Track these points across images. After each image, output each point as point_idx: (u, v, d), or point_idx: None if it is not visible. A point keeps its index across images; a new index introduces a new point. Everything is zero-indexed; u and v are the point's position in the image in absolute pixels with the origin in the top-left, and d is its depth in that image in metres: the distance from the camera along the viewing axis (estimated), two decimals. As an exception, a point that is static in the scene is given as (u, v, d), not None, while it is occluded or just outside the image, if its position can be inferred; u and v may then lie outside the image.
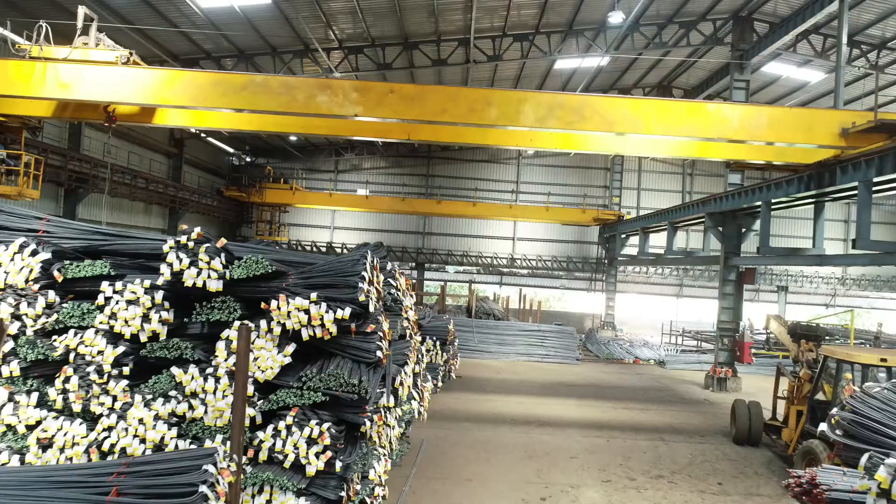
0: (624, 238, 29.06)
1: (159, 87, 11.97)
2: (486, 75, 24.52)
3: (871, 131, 11.65)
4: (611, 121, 11.67)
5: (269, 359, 7.00)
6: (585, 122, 11.53)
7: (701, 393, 17.97)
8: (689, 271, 34.57)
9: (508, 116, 11.58)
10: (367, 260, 7.34)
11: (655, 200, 32.76)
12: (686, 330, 29.40)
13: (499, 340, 23.06)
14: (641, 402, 15.82)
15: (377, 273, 7.76)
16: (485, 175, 35.15)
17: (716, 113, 12.31)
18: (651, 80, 27.34)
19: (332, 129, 14.94)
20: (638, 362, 23.89)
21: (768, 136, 12.00)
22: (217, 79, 12.00)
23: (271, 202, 30.42)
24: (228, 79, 11.95)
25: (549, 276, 35.86)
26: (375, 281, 7.63)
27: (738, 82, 19.43)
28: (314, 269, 7.35)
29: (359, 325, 7.20)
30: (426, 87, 12.11)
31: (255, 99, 11.49)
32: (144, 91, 11.98)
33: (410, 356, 8.27)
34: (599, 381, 18.81)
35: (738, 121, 11.95)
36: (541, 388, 17.06)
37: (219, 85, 11.76)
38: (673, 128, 11.95)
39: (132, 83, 11.94)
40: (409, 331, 9.06)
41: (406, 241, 35.27)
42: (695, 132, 12.26)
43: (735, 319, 18.74)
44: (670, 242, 22.06)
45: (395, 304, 8.80)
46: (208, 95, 11.72)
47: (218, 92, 11.70)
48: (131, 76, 11.92)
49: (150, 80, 12.04)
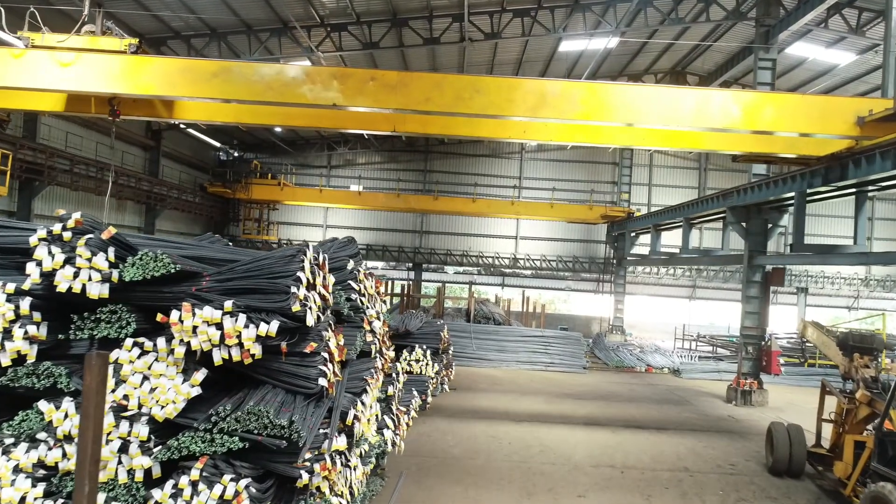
0: (634, 236, 27.22)
1: (123, 74, 10.76)
2: (485, 58, 22.65)
3: (890, 119, 10.32)
4: (606, 109, 10.88)
5: (171, 390, 5.20)
6: (579, 111, 10.77)
7: (723, 408, 16.06)
8: (703, 272, 32.62)
9: (497, 105, 10.78)
10: (307, 256, 5.51)
11: (668, 197, 30.76)
12: (701, 335, 27.50)
13: (499, 347, 21.19)
14: (658, 420, 13.93)
15: (324, 274, 5.92)
16: (485, 170, 33.32)
17: (719, 100, 11.10)
18: (663, 65, 25.43)
19: (312, 120, 13.73)
20: (651, 371, 21.98)
21: (776, 125, 10.96)
22: (186, 65, 11.05)
23: (258, 199, 28.67)
24: (198, 65, 10.98)
25: (554, 276, 34.00)
26: (321, 284, 5.79)
27: (763, 61, 17.51)
28: (235, 269, 5.52)
29: (293, 344, 5.38)
30: (409, 73, 11.32)
31: (227, 87, 10.69)
32: (106, 79, 10.76)
33: (373, 380, 6.42)
34: (609, 394, 16.92)
35: (744, 109, 10.98)
36: (544, 403, 15.20)
37: (188, 72, 10.84)
38: (672, 117, 10.96)
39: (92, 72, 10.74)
40: (376, 346, 7.21)
41: (403, 241, 33.47)
42: (696, 122, 11.01)
43: (761, 325, 16.82)
44: (686, 240, 20.19)
45: (356, 313, 6.97)
46: (176, 84, 10.83)
47: (187, 80, 10.81)
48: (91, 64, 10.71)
49: (114, 68, 10.77)
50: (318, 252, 5.82)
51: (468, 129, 13.52)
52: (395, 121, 13.07)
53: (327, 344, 5.61)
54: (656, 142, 14.14)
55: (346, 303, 6.63)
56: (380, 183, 33.21)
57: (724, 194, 17.45)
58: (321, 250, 5.86)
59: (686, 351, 26.19)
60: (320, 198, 28.64)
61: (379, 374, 6.97)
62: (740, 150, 13.90)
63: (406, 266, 34.36)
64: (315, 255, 5.74)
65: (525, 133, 13.78)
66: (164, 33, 17.76)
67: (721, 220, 19.49)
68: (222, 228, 31.28)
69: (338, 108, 11.04)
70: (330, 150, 33.15)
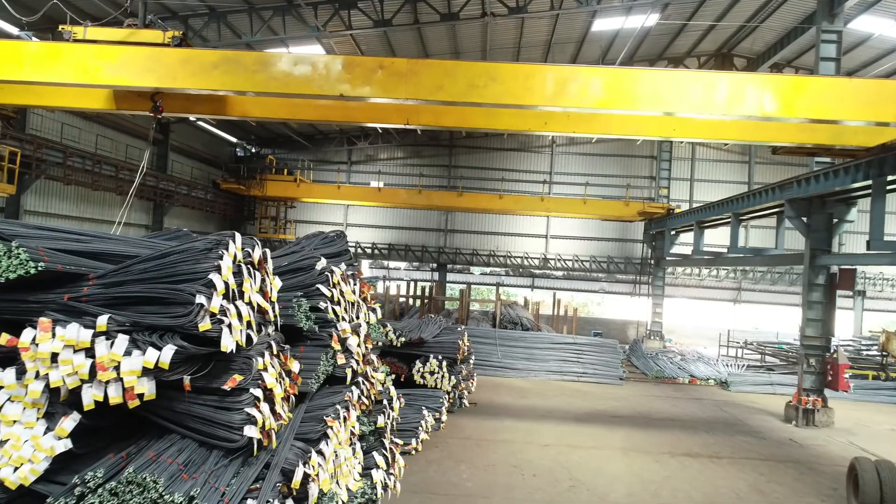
0: (674, 235, 25.10)
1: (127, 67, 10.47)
2: (510, 39, 20.80)
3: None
4: (629, 97, 10.06)
5: (28, 443, 3.61)
6: (600, 99, 10.02)
7: (782, 429, 14.03)
8: (749, 273, 30.27)
9: (514, 94, 10.09)
10: (228, 251, 3.85)
11: (711, 192, 28.50)
12: (748, 341, 25.28)
13: (526, 355, 19.38)
14: (709, 445, 12.00)
15: (263, 276, 4.25)
16: (514, 165, 31.50)
17: (755, 85, 10.09)
18: (707, 47, 23.29)
19: (320, 112, 13.01)
20: (695, 382, 19.92)
21: (817, 112, 10.00)
22: (186, 56, 10.52)
23: (273, 195, 27.27)
24: (199, 56, 10.56)
25: (587, 278, 32.02)
26: (256, 290, 4.13)
27: (826, 34, 15.41)
28: (130, 270, 3.88)
29: (207, 377, 3.75)
30: (420, 61, 10.55)
31: (228, 78, 10.30)
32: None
33: (336, 422, 4.72)
34: (650, 411, 15.01)
35: (780, 95, 10.04)
36: (575, 421, 13.39)
37: (188, 63, 10.40)
38: (702, 104, 10.07)
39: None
40: (353, 369, 5.52)
41: (426, 240, 31.84)
42: (729, 109, 10.02)
43: (825, 334, 14.74)
44: (735, 238, 18.10)
45: (324, 327, 5.31)
46: (177, 75, 10.38)
47: (187, 71, 10.38)
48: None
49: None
50: (254, 245, 4.15)
51: (484, 120, 12.77)
52: (408, 112, 12.36)
53: (263, 376, 3.94)
54: (687, 132, 13.10)
55: (304, 314, 4.96)
56: (402, 179, 31.65)
57: (781, 185, 15.38)
58: (257, 243, 4.20)
59: (732, 359, 24.01)
60: (338, 194, 27.16)
61: (354, 408, 5.28)
62: (779, 141, 12.83)
63: (430, 266, 32.73)
64: (248, 251, 4.08)
65: (546, 125, 12.71)
66: (160, 13, 16.38)
67: (775, 215, 17.46)
68: (238, 227, 30.07)
69: (345, 99, 10.49)
70: (350, 144, 31.71)
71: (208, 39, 16.12)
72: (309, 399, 4.83)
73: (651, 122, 12.51)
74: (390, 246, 31.54)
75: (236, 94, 11.21)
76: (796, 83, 10.48)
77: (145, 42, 10.70)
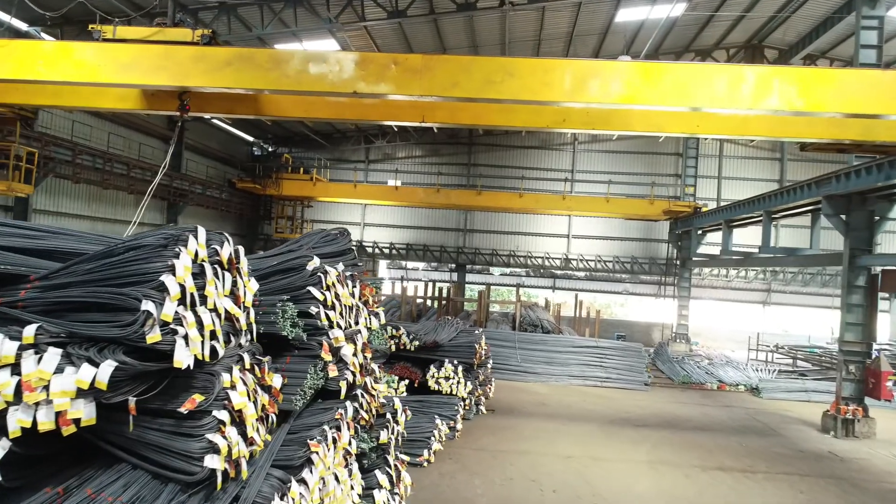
0: (700, 234, 24.21)
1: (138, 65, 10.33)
2: (530, 31, 20.08)
3: None
4: (651, 93, 9.74)
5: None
6: (621, 94, 9.73)
7: (820, 440, 13.17)
8: (779, 274, 29.19)
9: (532, 89, 9.82)
10: (188, 247, 3.27)
11: (740, 190, 27.51)
12: (779, 345, 24.29)
13: (547, 358, 18.68)
14: (742, 458, 11.22)
15: (236, 276, 3.67)
16: (534, 163, 30.75)
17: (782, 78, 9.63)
18: (736, 38, 22.32)
19: (334, 111, 12.83)
20: (723, 388, 19.05)
21: (842, 105, 9.44)
22: (198, 53, 10.36)
23: (289, 195, 26.85)
24: (211, 53, 10.36)
25: (610, 279, 31.17)
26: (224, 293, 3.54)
27: (867, 20, 14.51)
28: (75, 270, 3.31)
29: (164, 397, 3.17)
30: (435, 56, 10.34)
31: (241, 76, 10.16)
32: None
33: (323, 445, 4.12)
34: (678, 419, 14.23)
35: (812, 88, 9.56)
36: (598, 430, 12.69)
37: (200, 61, 10.25)
38: (730, 99, 9.63)
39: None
40: (347, 380, 4.92)
41: (445, 239, 31.23)
42: (753, 104, 9.58)
43: (866, 339, 13.84)
44: (767, 237, 17.24)
45: (314, 335, 4.71)
46: (189, 73, 10.23)
47: (199, 69, 10.22)
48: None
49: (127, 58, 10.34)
50: (223, 241, 3.56)
51: (501, 117, 12.33)
52: (423, 110, 12.12)
53: (227, 394, 3.35)
54: (711, 128, 12.38)
55: (290, 321, 4.37)
56: (420, 177, 31.09)
57: (818, 181, 14.53)
58: (227, 239, 3.61)
59: (761, 364, 23.05)
60: (354, 193, 26.64)
61: (348, 426, 4.68)
62: (807, 137, 12.35)
63: (448, 267, 32.13)
64: (214, 248, 3.49)
65: (564, 122, 12.31)
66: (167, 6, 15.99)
67: (810, 214, 16.61)
68: (255, 226, 29.78)
69: (359, 96, 10.40)
70: (367, 143, 31.23)
71: (219, 33, 15.59)
72: (293, 418, 4.24)
73: (673, 119, 12.10)
74: (408, 246, 31.00)
75: (249, 92, 11.06)
76: (827, 76, 9.99)
77: (174, 41, 10.53)
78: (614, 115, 12.32)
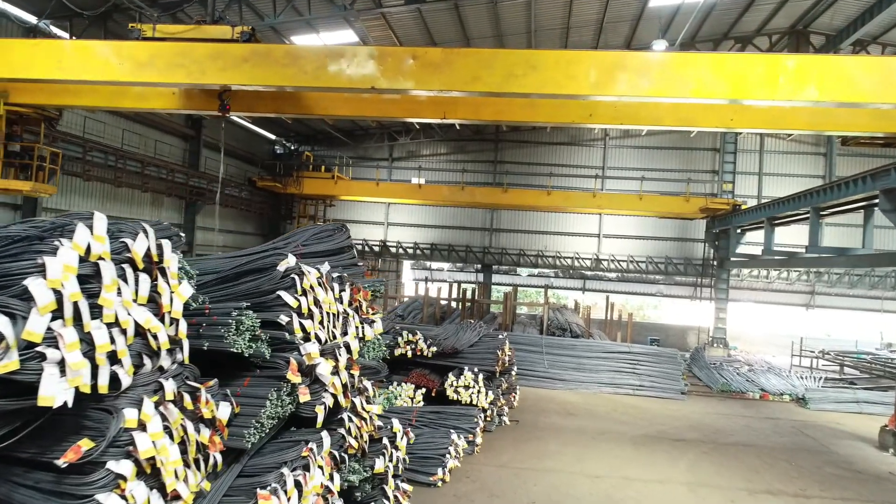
0: (739, 233, 22.88)
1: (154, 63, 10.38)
2: (558, 18, 18.99)
3: None
4: (685, 84, 9.50)
5: None
6: (653, 85, 9.49)
7: (878, 459, 11.93)
8: (823, 275, 27.61)
9: (556, 82, 9.65)
10: (74, 239, 2.40)
11: (782, 187, 25.98)
12: (825, 351, 22.84)
13: (576, 364, 17.64)
14: (794, 480, 10.09)
15: (158, 278, 2.81)
16: (563, 160, 29.66)
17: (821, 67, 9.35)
18: (780, 23, 20.94)
19: (354, 108, 12.93)
20: (766, 398, 17.77)
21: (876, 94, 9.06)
22: (215, 50, 10.38)
23: (310, 193, 26.21)
24: (228, 50, 10.41)
25: (643, 280, 29.91)
26: (142, 300, 2.69)
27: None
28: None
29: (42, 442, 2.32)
30: (455, 50, 10.23)
31: (258, 72, 10.19)
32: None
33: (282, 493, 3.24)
34: (719, 434, 13.09)
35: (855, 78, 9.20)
36: (632, 445, 11.65)
37: (217, 58, 10.29)
38: (767, 90, 9.33)
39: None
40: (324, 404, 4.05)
41: (471, 239, 30.31)
42: (792, 95, 9.29)
43: (929, 347, 12.55)
44: (815, 236, 15.95)
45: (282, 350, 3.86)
46: (206, 70, 10.28)
47: (216, 66, 10.28)
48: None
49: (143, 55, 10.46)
50: (136, 233, 2.71)
51: (525, 112, 12.33)
52: (444, 106, 12.07)
53: (132, 438, 2.49)
54: (746, 122, 12.27)
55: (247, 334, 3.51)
56: (446, 175, 30.22)
57: (874, 174, 13.25)
58: (144, 230, 2.76)
59: (806, 370, 21.65)
60: (377, 191, 25.88)
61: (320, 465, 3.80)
62: (850, 130, 12.25)
63: (474, 268, 31.20)
64: (123, 242, 2.64)
65: (591, 117, 12.23)
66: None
67: (862, 209, 15.29)
68: (276, 226, 29.22)
69: (377, 92, 10.39)
70: (391, 140, 30.46)
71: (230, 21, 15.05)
72: (247, 457, 3.37)
73: (706, 112, 11.91)
74: (433, 246, 30.15)
75: (266, 88, 10.90)
76: (871, 64, 9.49)
77: (213, 38, 10.59)
78: (643, 109, 11.91)
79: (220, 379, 3.56)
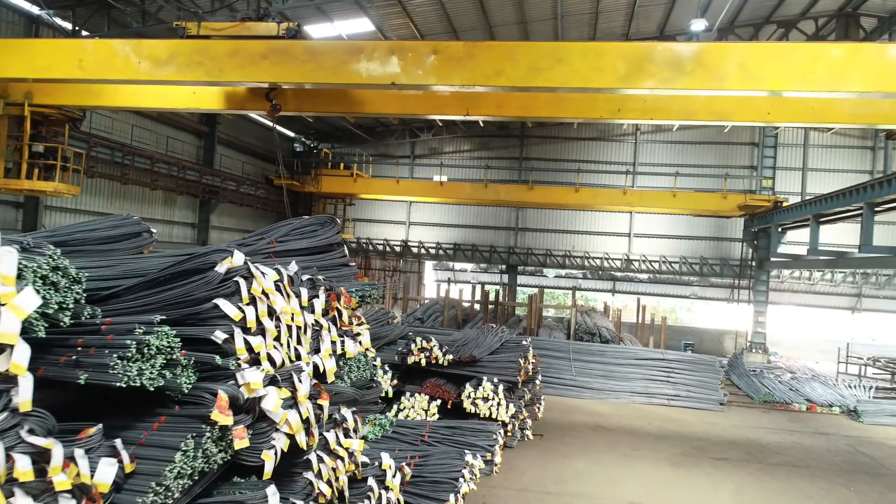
0: (781, 232, 21.44)
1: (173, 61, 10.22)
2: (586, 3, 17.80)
3: None
4: (719, 76, 9.07)
5: None
6: (685, 78, 9.09)
7: (949, 483, 10.62)
8: (871, 276, 25.97)
9: (582, 75, 9.35)
10: None
11: (828, 183, 24.33)
12: (876, 358, 21.30)
13: (605, 372, 16.52)
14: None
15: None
16: (592, 156, 28.45)
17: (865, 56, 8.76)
18: (827, 5, 19.47)
19: (376, 105, 12.62)
20: (814, 409, 16.43)
21: None
22: (234, 47, 10.22)
23: (329, 192, 25.43)
24: (246, 47, 10.24)
25: (676, 281, 28.57)
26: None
27: None
28: None
29: None
30: (477, 43, 9.94)
31: (277, 69, 10.09)
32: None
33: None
34: (765, 450, 11.89)
35: None
36: (668, 464, 10.54)
37: (236, 55, 10.14)
38: (807, 81, 8.80)
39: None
40: (274, 448, 3.07)
41: (495, 239, 29.27)
42: (834, 86, 8.74)
43: None
44: (869, 234, 14.56)
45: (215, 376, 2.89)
46: (224, 68, 10.13)
47: (234, 63, 10.13)
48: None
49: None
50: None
51: (551, 108, 11.99)
52: (467, 102, 11.76)
53: None
54: (784, 115, 11.54)
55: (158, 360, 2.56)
56: (470, 173, 29.22)
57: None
58: None
59: (854, 379, 20.15)
60: (397, 189, 24.99)
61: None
62: None
63: (499, 268, 30.14)
64: None
65: (620, 111, 11.83)
66: (186, -17, 14.75)
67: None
68: (294, 226, 28.47)
69: (398, 87, 10.11)
70: (413, 137, 29.56)
71: (237, 10, 14.28)
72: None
73: (740, 105, 11.38)
74: (456, 246, 29.15)
75: (285, 85, 10.80)
76: None
77: (258, 35, 10.43)
78: (674, 103, 11.52)
79: (129, 419, 2.63)
